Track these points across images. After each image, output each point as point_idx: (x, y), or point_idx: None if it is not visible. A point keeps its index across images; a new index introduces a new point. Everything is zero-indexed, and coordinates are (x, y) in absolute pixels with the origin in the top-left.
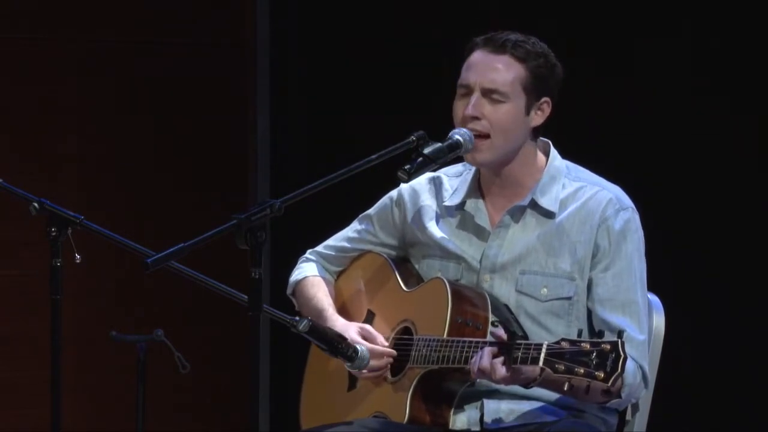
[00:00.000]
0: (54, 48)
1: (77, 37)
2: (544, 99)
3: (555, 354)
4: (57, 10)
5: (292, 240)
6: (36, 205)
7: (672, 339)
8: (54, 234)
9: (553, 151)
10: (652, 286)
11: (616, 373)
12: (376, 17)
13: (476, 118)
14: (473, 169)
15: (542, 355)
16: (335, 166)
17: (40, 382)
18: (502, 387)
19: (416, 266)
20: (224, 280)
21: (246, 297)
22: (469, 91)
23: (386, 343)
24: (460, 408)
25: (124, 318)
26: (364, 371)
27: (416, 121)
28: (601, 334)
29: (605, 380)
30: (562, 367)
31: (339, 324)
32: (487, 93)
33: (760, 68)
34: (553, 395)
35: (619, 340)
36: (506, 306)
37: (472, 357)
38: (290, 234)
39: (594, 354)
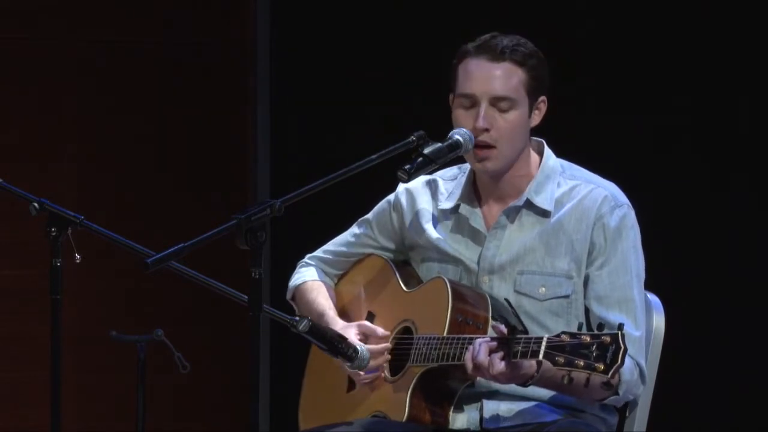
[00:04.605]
0: (54, 48)
1: (77, 37)
2: (541, 98)
3: (555, 347)
4: (57, 10)
5: (292, 240)
6: (36, 205)
7: (672, 339)
8: (54, 234)
9: (547, 150)
10: (652, 286)
11: (616, 365)
12: (376, 17)
13: (487, 130)
14: (468, 171)
15: (542, 348)
16: (335, 166)
17: (40, 382)
18: (502, 388)
19: (416, 269)
20: (224, 280)
21: (246, 297)
22: (474, 102)
23: (387, 333)
24: (459, 408)
25: (124, 318)
26: (362, 373)
27: (416, 121)
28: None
29: (605, 372)
30: (562, 360)
31: (339, 326)
32: (495, 102)
33: (760, 67)
34: (552, 395)
35: (619, 332)
36: (507, 300)
37: None
38: (290, 234)
39: (594, 346)
